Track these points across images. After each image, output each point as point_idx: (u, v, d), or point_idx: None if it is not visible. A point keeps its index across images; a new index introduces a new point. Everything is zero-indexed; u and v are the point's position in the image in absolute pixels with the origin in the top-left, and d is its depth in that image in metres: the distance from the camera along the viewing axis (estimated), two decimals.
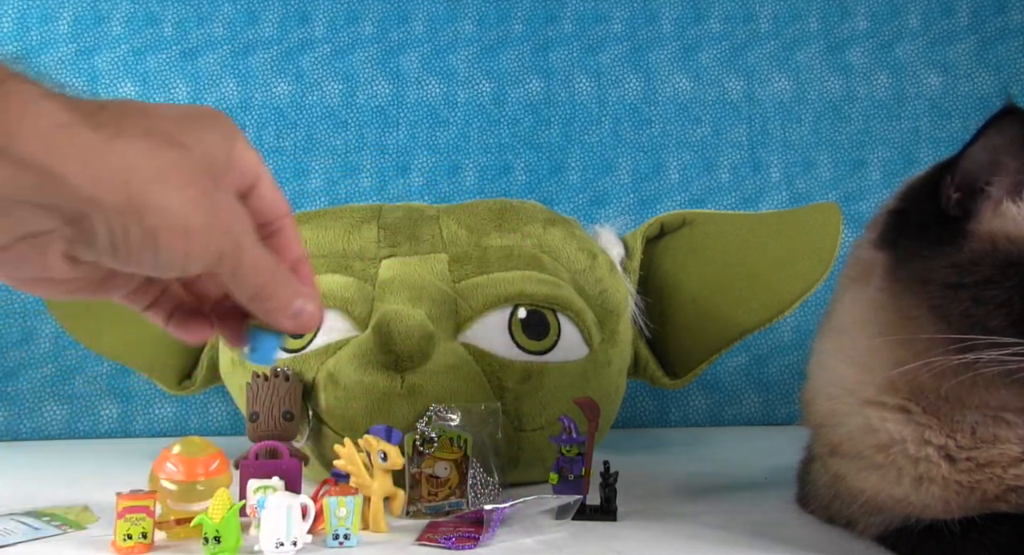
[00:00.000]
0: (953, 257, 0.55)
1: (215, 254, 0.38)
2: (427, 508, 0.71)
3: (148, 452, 0.78)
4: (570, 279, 0.87)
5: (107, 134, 0.35)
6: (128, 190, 0.35)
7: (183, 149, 0.38)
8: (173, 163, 0.37)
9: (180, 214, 0.37)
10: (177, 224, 0.37)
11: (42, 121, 0.34)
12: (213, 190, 0.39)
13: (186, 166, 0.38)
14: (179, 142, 0.38)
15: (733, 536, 0.65)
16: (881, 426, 0.58)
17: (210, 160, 0.39)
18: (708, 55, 1.34)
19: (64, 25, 1.27)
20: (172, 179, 0.37)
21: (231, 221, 0.39)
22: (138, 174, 0.36)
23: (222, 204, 0.39)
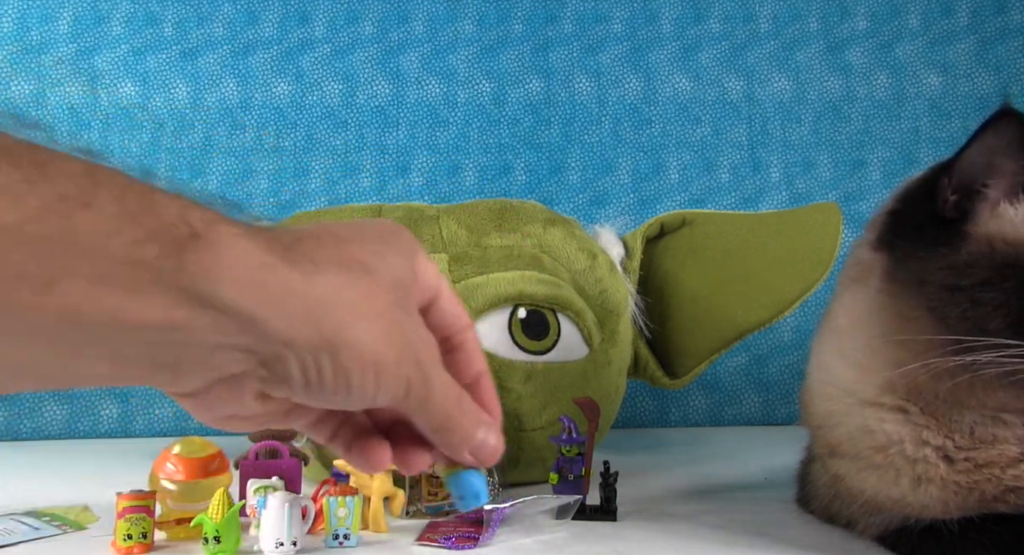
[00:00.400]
0: (950, 259, 0.55)
1: (404, 386, 0.38)
2: (427, 508, 0.71)
3: (148, 452, 0.78)
4: (570, 279, 0.87)
5: (304, 270, 0.35)
6: (322, 328, 0.35)
7: (374, 277, 0.38)
8: (365, 294, 0.37)
9: (372, 350, 0.37)
10: (369, 360, 0.36)
11: (243, 265, 0.34)
12: (403, 318, 0.39)
13: (378, 296, 0.38)
14: (370, 269, 0.38)
15: (733, 536, 0.65)
16: (879, 427, 0.58)
17: (398, 283, 0.39)
18: (708, 55, 1.34)
19: (64, 25, 1.27)
20: (364, 312, 0.37)
21: (420, 351, 0.39)
22: (333, 311, 0.36)
23: (412, 333, 0.39)
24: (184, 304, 0.32)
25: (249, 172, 1.28)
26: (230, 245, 0.33)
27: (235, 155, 1.28)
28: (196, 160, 1.27)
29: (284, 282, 0.34)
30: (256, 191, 1.28)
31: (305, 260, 0.36)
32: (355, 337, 0.36)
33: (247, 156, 1.28)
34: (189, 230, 0.33)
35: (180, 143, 1.28)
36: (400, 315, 0.38)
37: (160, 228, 0.32)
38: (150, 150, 1.27)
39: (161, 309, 0.32)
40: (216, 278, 0.33)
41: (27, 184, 0.30)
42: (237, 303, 0.33)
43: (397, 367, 0.37)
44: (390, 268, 0.39)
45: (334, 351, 0.36)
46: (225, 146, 1.28)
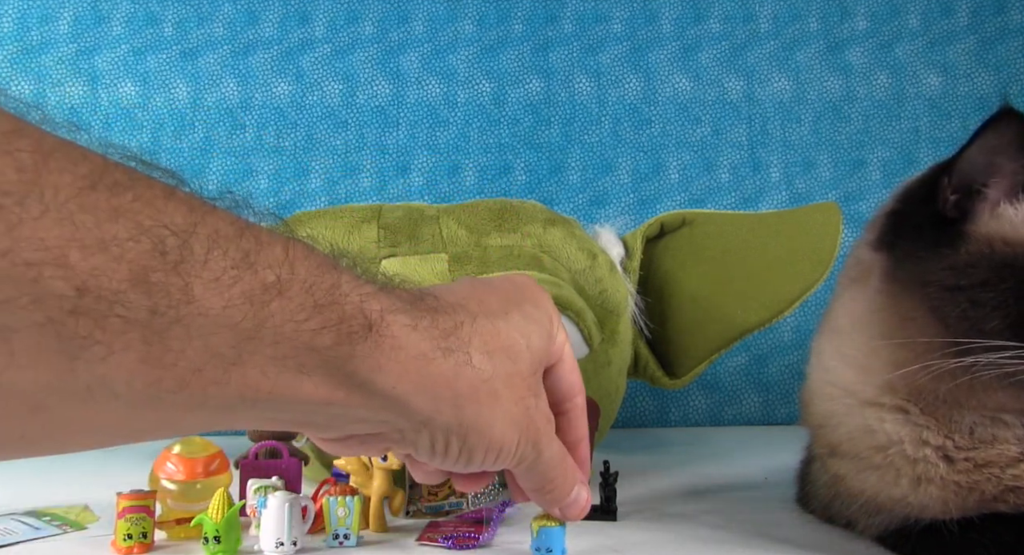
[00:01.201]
0: (950, 259, 0.55)
1: (518, 459, 0.43)
2: (427, 508, 0.71)
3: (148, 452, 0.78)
4: (570, 279, 0.87)
5: (457, 362, 0.39)
6: (460, 414, 0.39)
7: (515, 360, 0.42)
8: (505, 380, 0.41)
9: (500, 435, 0.41)
10: (495, 444, 0.41)
11: (405, 356, 0.37)
12: (533, 403, 0.43)
13: (517, 385, 0.42)
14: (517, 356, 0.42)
15: (733, 536, 0.65)
16: (879, 427, 0.58)
17: (536, 364, 0.44)
18: (708, 55, 1.34)
19: (64, 25, 1.27)
20: (502, 401, 0.41)
21: (540, 430, 0.43)
22: (474, 400, 0.39)
23: (536, 413, 0.43)
24: (345, 385, 0.36)
25: (249, 172, 1.28)
26: (397, 338, 0.37)
27: (235, 155, 1.28)
28: (196, 160, 1.27)
29: (437, 374, 0.38)
30: (256, 191, 1.28)
31: (459, 348, 0.39)
32: (487, 424, 0.40)
33: (247, 156, 1.28)
34: (365, 322, 0.36)
35: (180, 143, 1.28)
36: (531, 400, 0.43)
37: (340, 319, 0.35)
38: (150, 150, 1.26)
39: (326, 389, 0.35)
40: (379, 368, 0.36)
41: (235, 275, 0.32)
42: (392, 389, 0.37)
43: (516, 447, 0.42)
44: (533, 349, 0.43)
45: (466, 434, 0.40)
46: (225, 146, 1.28)
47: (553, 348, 0.45)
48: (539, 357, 0.44)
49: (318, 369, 0.35)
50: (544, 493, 0.46)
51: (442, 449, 0.40)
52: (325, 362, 0.35)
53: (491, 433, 0.40)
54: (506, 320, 0.42)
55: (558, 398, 0.47)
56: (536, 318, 0.44)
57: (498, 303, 0.43)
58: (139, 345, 0.30)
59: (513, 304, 0.44)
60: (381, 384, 0.36)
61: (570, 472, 0.47)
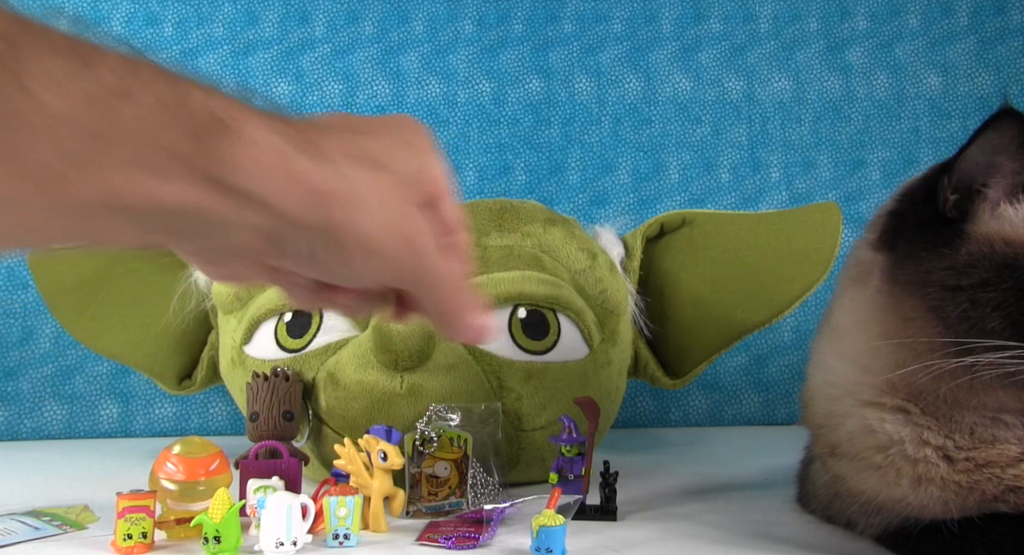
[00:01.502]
0: (951, 259, 0.55)
1: (401, 271, 0.43)
2: (427, 508, 0.71)
3: (148, 452, 0.78)
4: (570, 279, 0.87)
5: (318, 162, 0.39)
6: (326, 213, 0.39)
7: (383, 172, 0.42)
8: (373, 187, 0.41)
9: (370, 236, 0.40)
10: (367, 245, 0.40)
11: (264, 155, 0.37)
12: (408, 212, 0.43)
13: (385, 189, 0.42)
14: (381, 165, 0.42)
15: (733, 536, 0.65)
16: (880, 427, 0.58)
17: (407, 180, 0.43)
18: (708, 55, 1.34)
19: (64, 25, 1.27)
20: (369, 203, 0.41)
21: (420, 243, 0.43)
22: (338, 199, 0.39)
23: (414, 226, 0.43)
24: (208, 188, 0.36)
25: None
26: (253, 137, 0.37)
27: None
28: None
29: (298, 172, 0.38)
30: None
31: (321, 153, 0.39)
32: (356, 223, 0.40)
33: None
34: (218, 122, 0.36)
35: None
36: (404, 207, 0.42)
37: (192, 120, 0.36)
38: None
39: (188, 192, 0.36)
40: (238, 167, 0.37)
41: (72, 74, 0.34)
42: (253, 187, 0.37)
43: (396, 254, 0.42)
44: (402, 165, 0.43)
45: (335, 233, 0.39)
46: None
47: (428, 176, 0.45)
48: (411, 173, 0.43)
49: (178, 172, 0.35)
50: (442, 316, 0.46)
51: (311, 251, 0.40)
52: (184, 164, 0.35)
53: (360, 234, 0.40)
54: (374, 139, 0.43)
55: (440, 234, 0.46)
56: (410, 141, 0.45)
57: (366, 126, 0.44)
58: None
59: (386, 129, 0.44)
60: (242, 183, 0.37)
61: (466, 290, 0.47)
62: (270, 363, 0.83)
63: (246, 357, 0.86)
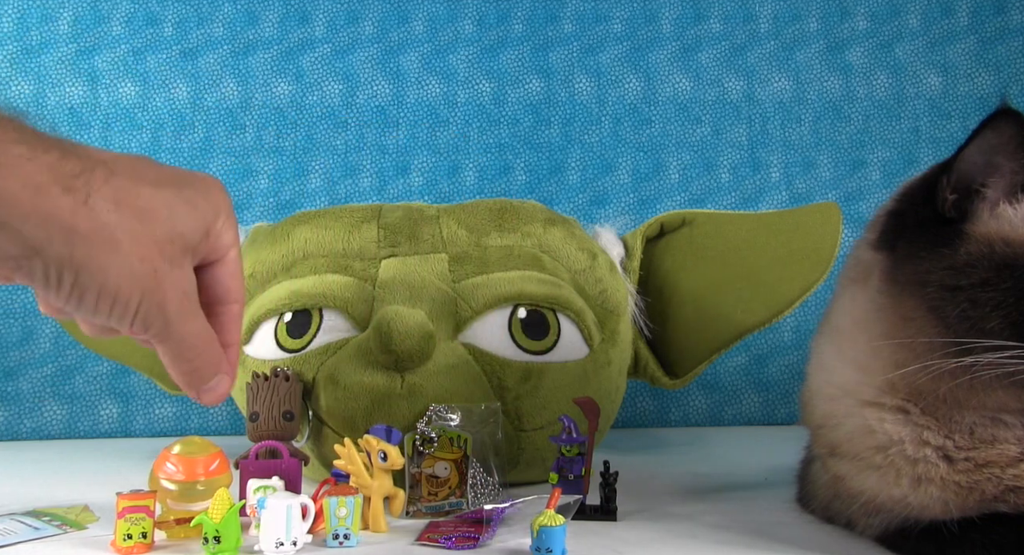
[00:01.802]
0: (950, 259, 0.55)
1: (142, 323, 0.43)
2: (427, 508, 0.71)
3: (148, 452, 0.78)
4: (570, 279, 0.87)
5: (77, 199, 0.40)
6: (72, 251, 0.40)
7: (149, 222, 0.42)
8: (131, 234, 0.41)
9: (115, 283, 0.41)
10: (109, 291, 0.41)
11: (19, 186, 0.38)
12: (163, 268, 0.43)
13: (144, 239, 0.42)
14: (149, 216, 0.42)
15: (733, 536, 0.65)
16: (879, 427, 0.59)
17: (175, 237, 0.44)
18: (708, 55, 1.34)
19: (64, 25, 1.27)
20: (122, 252, 0.41)
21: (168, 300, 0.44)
22: (87, 239, 0.40)
23: (167, 282, 0.43)
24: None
25: (249, 172, 1.28)
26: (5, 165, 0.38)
27: (235, 155, 1.28)
28: (196, 160, 1.27)
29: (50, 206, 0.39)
30: (256, 191, 1.28)
31: (86, 192, 0.40)
32: (100, 268, 0.41)
33: (247, 156, 1.28)
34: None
35: (180, 143, 1.28)
36: (162, 265, 0.43)
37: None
38: (150, 150, 1.27)
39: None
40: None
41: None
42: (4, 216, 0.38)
43: (137, 305, 0.42)
44: (174, 221, 0.44)
45: (77, 271, 0.40)
46: (225, 146, 1.28)
47: (209, 242, 0.46)
48: (183, 232, 0.44)
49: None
50: (181, 370, 0.46)
51: (55, 283, 0.41)
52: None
53: (104, 279, 0.41)
54: (155, 189, 0.43)
55: (212, 300, 0.48)
56: (195, 204, 0.45)
57: (156, 176, 0.44)
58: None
59: (175, 184, 0.44)
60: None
61: (214, 357, 0.47)
62: (270, 363, 0.83)
63: (246, 357, 0.86)
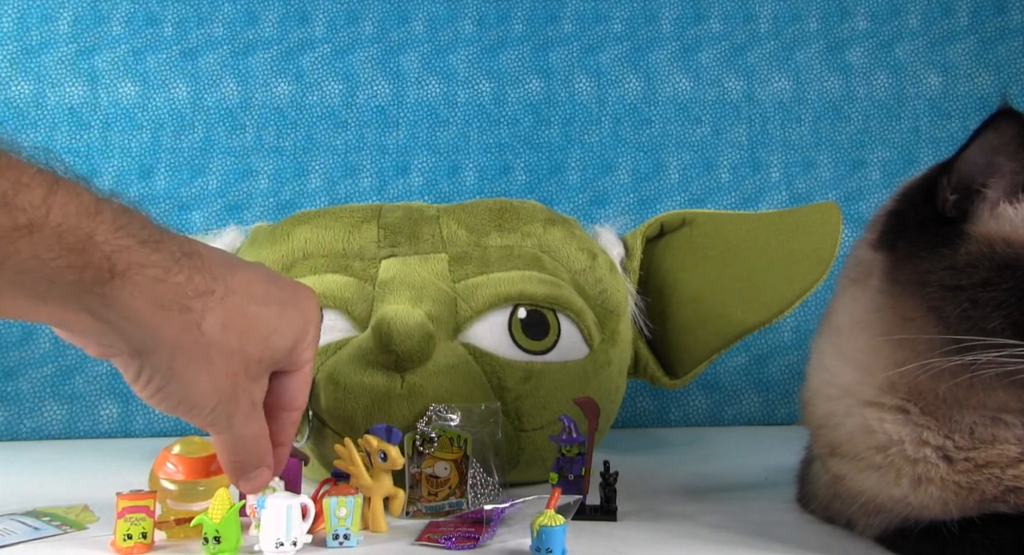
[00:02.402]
0: (950, 259, 0.55)
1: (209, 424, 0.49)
2: (427, 508, 0.71)
3: (148, 452, 0.78)
4: (570, 279, 0.87)
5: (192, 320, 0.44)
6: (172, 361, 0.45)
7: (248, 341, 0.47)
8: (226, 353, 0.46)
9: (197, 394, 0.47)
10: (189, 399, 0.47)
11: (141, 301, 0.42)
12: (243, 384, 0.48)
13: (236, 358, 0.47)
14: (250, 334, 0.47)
15: (733, 536, 0.65)
16: (879, 427, 0.58)
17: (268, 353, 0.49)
18: (708, 55, 1.34)
19: (64, 25, 1.27)
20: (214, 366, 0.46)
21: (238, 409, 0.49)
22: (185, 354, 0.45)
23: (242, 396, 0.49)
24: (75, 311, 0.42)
25: (249, 172, 1.28)
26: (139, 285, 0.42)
27: (235, 155, 1.28)
28: (196, 160, 1.27)
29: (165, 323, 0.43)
30: (256, 191, 1.28)
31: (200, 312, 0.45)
32: (191, 380, 0.46)
33: (247, 156, 1.28)
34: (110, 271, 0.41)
35: (180, 143, 1.28)
36: (243, 380, 0.48)
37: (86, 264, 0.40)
38: (150, 150, 1.27)
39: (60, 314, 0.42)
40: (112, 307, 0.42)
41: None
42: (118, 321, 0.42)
43: (210, 411, 0.48)
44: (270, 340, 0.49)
45: (169, 379, 0.45)
46: (225, 146, 1.28)
47: (295, 356, 0.51)
48: (273, 353, 0.49)
49: (55, 299, 0.40)
50: (228, 459, 0.53)
51: (144, 382, 0.46)
52: (63, 294, 0.41)
53: (190, 389, 0.46)
54: (261, 307, 0.48)
55: (279, 404, 0.53)
56: (292, 321, 0.50)
57: (265, 294, 0.49)
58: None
59: (279, 303, 0.49)
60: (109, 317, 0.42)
61: (261, 454, 0.53)
62: None
63: None
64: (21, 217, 0.38)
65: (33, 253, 0.38)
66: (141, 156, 1.26)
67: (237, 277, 0.47)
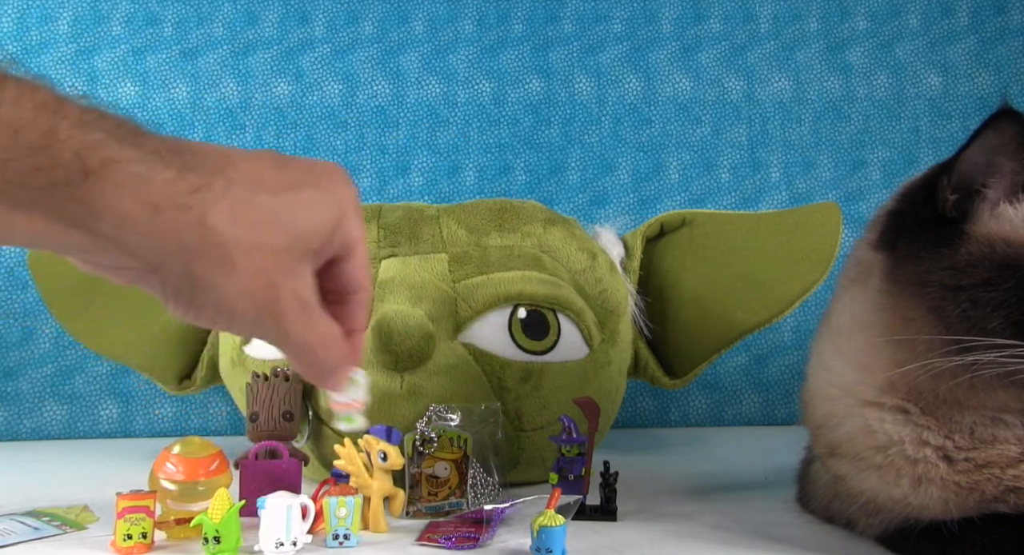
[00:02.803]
0: (951, 259, 0.55)
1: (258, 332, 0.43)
2: (427, 508, 0.71)
3: (148, 452, 0.78)
4: (570, 279, 0.87)
5: (193, 217, 0.38)
6: (188, 268, 0.39)
7: (266, 233, 0.41)
8: (246, 249, 0.40)
9: (229, 301, 0.40)
10: (223, 307, 0.40)
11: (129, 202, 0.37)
12: (279, 280, 0.42)
13: (260, 253, 0.40)
14: (267, 225, 0.41)
15: (733, 536, 0.65)
16: (879, 427, 0.58)
17: (298, 241, 0.42)
18: (708, 55, 1.34)
19: (64, 25, 1.27)
20: (237, 267, 0.40)
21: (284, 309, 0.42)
22: (201, 256, 0.39)
23: (284, 292, 0.42)
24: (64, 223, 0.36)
25: None
26: (121, 185, 0.37)
27: None
28: None
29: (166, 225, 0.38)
30: None
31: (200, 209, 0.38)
32: (215, 285, 0.40)
33: None
34: (80, 169, 0.36)
35: None
36: (278, 278, 0.41)
37: (53, 164, 0.35)
38: None
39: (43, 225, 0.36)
40: (97, 213, 0.36)
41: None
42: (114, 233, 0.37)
43: (254, 320, 0.41)
44: (293, 227, 0.42)
45: (194, 289, 0.40)
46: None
47: (335, 240, 0.44)
48: (305, 242, 0.42)
49: (33, 206, 0.36)
50: (299, 367, 0.46)
51: (173, 297, 0.40)
52: (39, 201, 0.35)
53: (220, 296, 0.40)
54: (273, 196, 0.41)
55: (341, 289, 0.47)
56: (316, 205, 0.43)
57: (275, 180, 0.42)
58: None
59: (295, 186, 0.43)
60: (102, 228, 0.37)
61: (334, 355, 0.46)
62: (270, 363, 0.83)
63: (246, 357, 0.86)
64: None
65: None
66: None
67: (239, 168, 0.41)
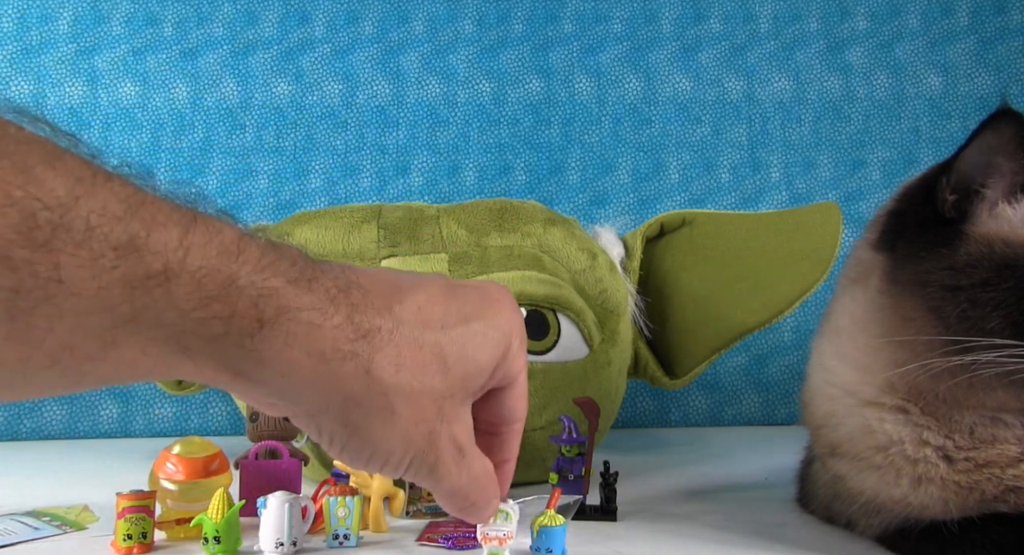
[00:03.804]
0: (950, 259, 0.55)
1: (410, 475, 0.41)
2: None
3: (148, 452, 0.78)
4: (570, 279, 0.87)
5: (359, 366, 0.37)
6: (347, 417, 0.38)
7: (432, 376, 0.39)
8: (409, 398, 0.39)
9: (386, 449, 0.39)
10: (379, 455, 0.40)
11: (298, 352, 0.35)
12: (437, 427, 0.40)
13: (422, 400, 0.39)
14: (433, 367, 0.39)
15: (733, 536, 0.65)
16: (879, 427, 0.58)
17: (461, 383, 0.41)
18: (708, 55, 1.34)
19: (64, 25, 1.27)
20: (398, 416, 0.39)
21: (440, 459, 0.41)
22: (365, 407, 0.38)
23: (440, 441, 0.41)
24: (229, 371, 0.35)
25: (249, 172, 1.28)
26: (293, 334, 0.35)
27: (235, 155, 1.28)
28: (196, 160, 1.27)
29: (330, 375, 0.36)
30: (256, 191, 1.28)
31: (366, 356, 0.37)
32: (375, 435, 0.39)
33: (247, 156, 1.28)
34: (257, 319, 0.34)
35: (180, 143, 1.28)
36: (437, 424, 0.40)
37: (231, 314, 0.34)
38: (150, 150, 1.27)
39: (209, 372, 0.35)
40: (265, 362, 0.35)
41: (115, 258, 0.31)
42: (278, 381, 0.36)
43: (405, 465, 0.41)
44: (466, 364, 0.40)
45: (349, 436, 0.38)
46: (225, 146, 1.28)
47: (503, 370, 0.43)
48: (468, 383, 0.41)
49: (202, 354, 0.34)
50: (447, 507, 0.45)
51: (327, 442, 0.40)
52: (210, 350, 0.34)
53: (377, 444, 0.39)
54: (442, 333, 0.40)
55: (497, 420, 0.46)
56: (487, 336, 0.42)
57: (443, 314, 0.41)
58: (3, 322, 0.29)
59: (465, 319, 0.41)
60: (265, 375, 0.36)
61: (484, 495, 0.45)
62: None
63: None
64: (155, 263, 0.31)
65: (170, 303, 0.32)
66: (141, 156, 1.26)
67: (406, 304, 0.39)
